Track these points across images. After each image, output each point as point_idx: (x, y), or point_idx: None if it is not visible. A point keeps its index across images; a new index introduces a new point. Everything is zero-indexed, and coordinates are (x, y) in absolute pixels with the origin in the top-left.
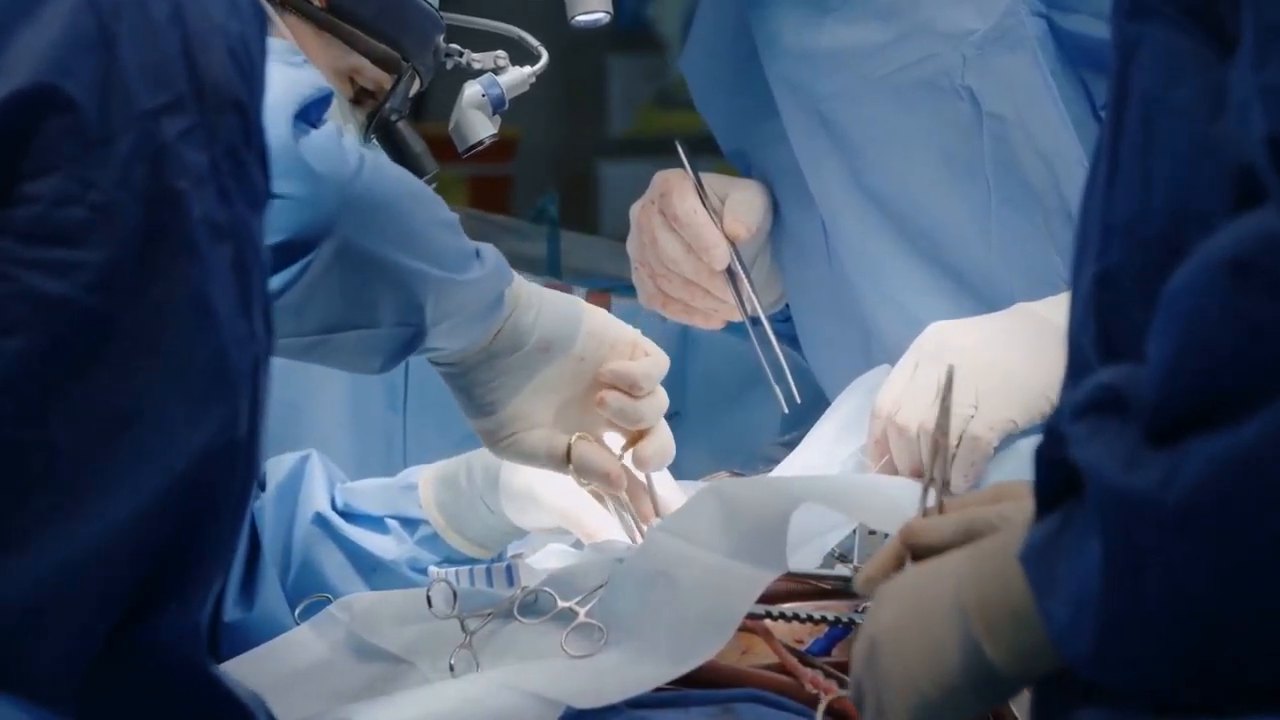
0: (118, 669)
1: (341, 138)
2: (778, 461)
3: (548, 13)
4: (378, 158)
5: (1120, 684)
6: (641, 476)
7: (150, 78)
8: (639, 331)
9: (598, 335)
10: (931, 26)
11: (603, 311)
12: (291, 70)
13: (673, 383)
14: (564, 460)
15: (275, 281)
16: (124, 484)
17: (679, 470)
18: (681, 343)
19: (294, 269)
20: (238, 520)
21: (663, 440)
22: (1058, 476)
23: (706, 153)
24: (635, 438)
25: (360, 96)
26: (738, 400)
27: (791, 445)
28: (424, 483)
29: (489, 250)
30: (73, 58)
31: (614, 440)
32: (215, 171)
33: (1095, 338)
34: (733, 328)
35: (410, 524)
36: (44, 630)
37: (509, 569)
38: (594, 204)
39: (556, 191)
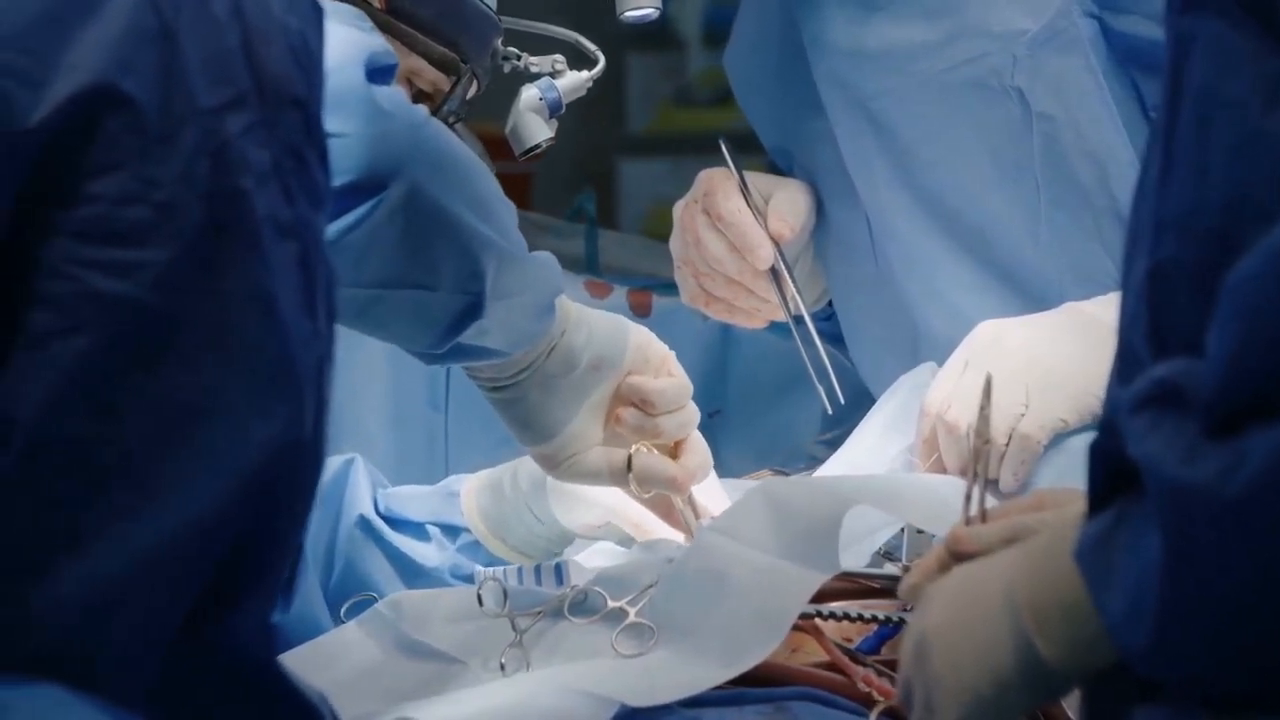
0: (187, 667)
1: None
2: (819, 459)
3: (563, 10)
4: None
5: (1176, 677)
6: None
7: (211, 75)
8: (673, 353)
9: (642, 350)
10: (982, 26)
11: (643, 328)
12: (360, 33)
13: (714, 381)
14: (625, 473)
15: (341, 222)
16: (192, 481)
17: (721, 468)
18: (722, 341)
19: (361, 210)
20: (303, 518)
21: (698, 455)
22: (1112, 472)
23: (734, 150)
24: (671, 453)
25: (418, 98)
26: (779, 398)
27: (833, 443)
28: (467, 490)
29: (544, 253)
30: (134, 55)
31: None
32: (278, 169)
33: (1147, 332)
34: (774, 326)
35: (451, 531)
36: (114, 629)
37: (558, 567)
38: (613, 201)
39: (576, 189)
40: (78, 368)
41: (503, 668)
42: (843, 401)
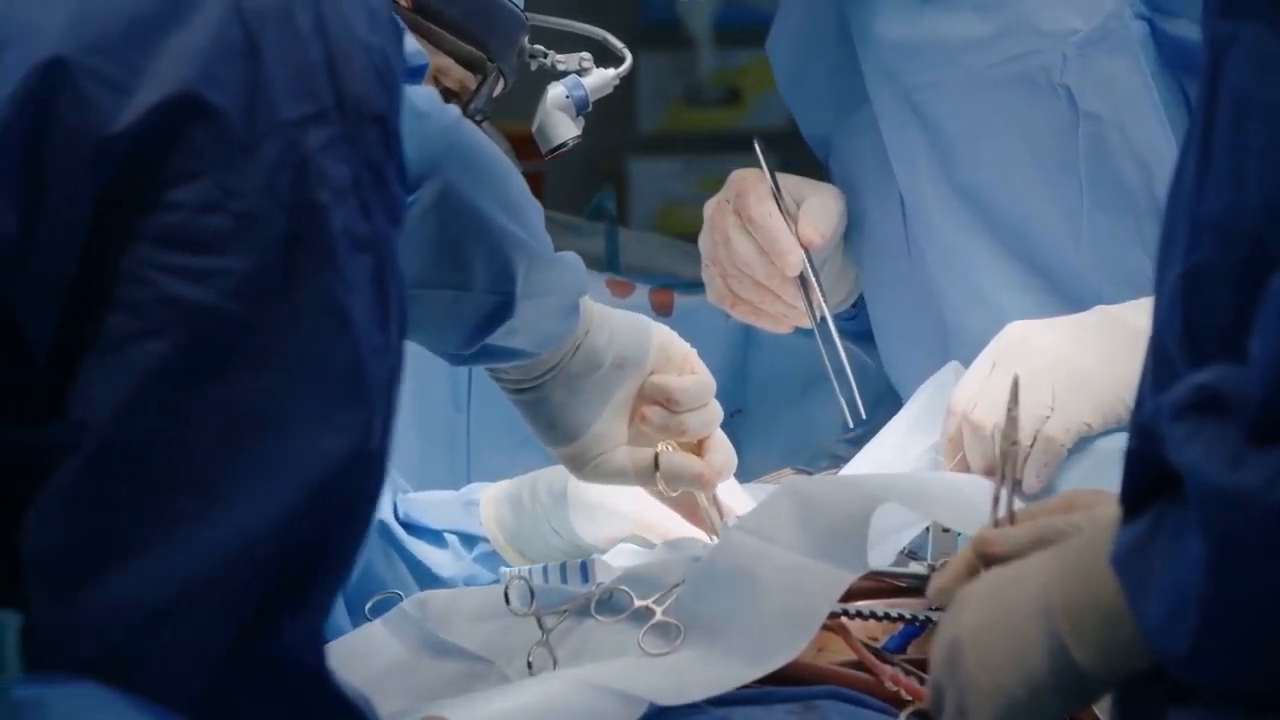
0: (237, 673)
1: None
2: (841, 458)
3: (578, 9)
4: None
5: (1215, 682)
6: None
7: (294, 88)
8: (694, 350)
9: (664, 349)
10: (1033, 23)
11: (665, 327)
12: None
13: (735, 380)
14: (651, 472)
15: None
16: (258, 489)
17: (743, 468)
18: (744, 339)
19: None
20: (364, 531)
21: (722, 453)
22: (1149, 477)
23: (746, 150)
24: (695, 451)
25: (445, 97)
26: (801, 397)
27: (856, 442)
28: (486, 500)
29: (570, 253)
30: (220, 66)
31: None
32: (356, 185)
33: (1181, 334)
34: (799, 329)
35: (469, 540)
36: (171, 632)
37: (583, 565)
38: (624, 200)
39: (586, 188)
40: (151, 371)
41: (530, 666)
42: (864, 415)
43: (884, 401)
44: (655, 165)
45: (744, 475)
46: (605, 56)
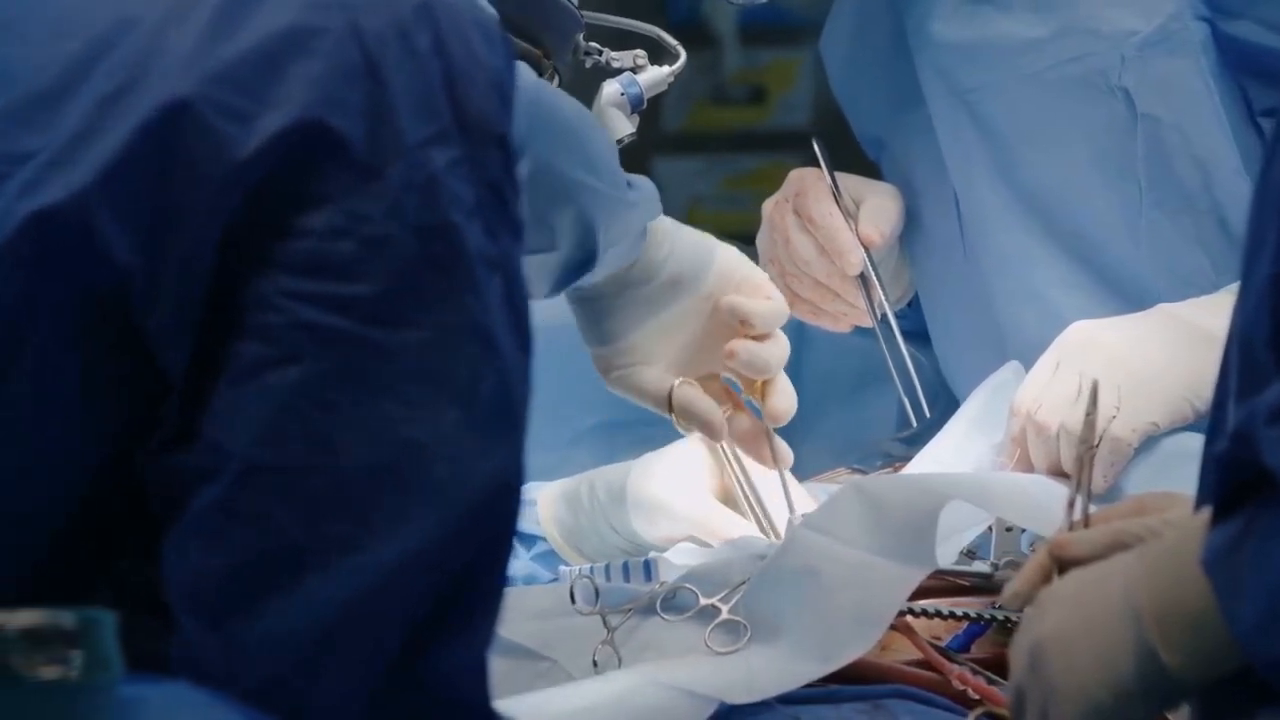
0: (395, 703)
1: None
2: (895, 456)
3: (604, 8)
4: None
5: None
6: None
7: (416, 108)
8: (768, 278)
9: (727, 275)
10: (1091, 25)
11: (734, 250)
12: None
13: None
14: (665, 402)
15: None
16: (413, 513)
17: (796, 466)
18: (795, 337)
19: None
20: (508, 558)
21: (787, 391)
22: (1241, 480)
23: (770, 149)
24: (759, 391)
25: None
26: (854, 395)
27: (910, 441)
28: (543, 499)
29: (640, 179)
30: (340, 90)
31: None
32: (480, 205)
33: (1270, 336)
34: (856, 327)
35: (527, 539)
36: (328, 663)
37: (646, 564)
38: None
39: None
40: (290, 397)
41: (595, 665)
42: (928, 415)
43: (938, 400)
44: (680, 164)
45: (797, 474)
46: (656, 55)
